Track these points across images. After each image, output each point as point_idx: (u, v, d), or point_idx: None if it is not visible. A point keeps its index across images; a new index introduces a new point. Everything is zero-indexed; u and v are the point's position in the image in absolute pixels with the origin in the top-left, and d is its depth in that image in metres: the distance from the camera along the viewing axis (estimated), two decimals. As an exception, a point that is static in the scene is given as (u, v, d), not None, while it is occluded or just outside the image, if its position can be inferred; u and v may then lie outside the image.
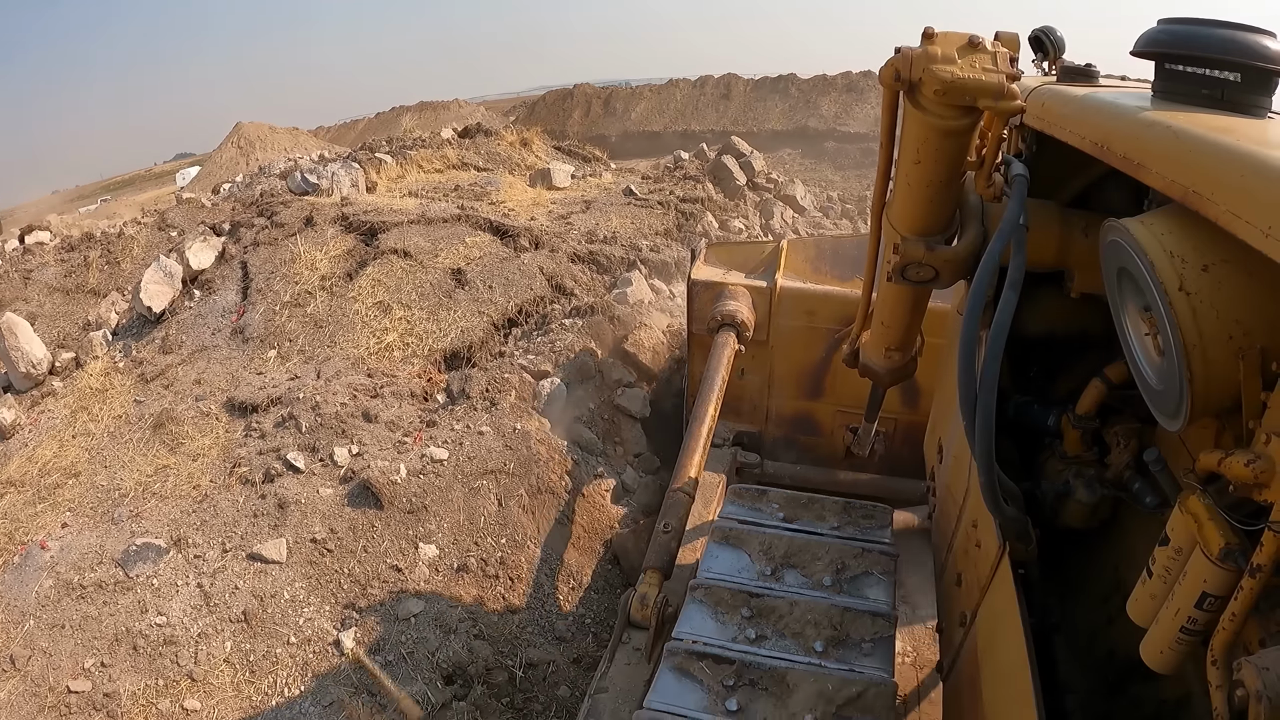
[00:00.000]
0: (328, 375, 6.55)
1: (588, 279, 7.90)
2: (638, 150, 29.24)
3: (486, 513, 5.17)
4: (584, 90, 36.64)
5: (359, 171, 10.96)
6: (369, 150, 12.93)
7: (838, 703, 2.33)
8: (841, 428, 5.13)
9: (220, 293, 8.10)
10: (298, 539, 4.87)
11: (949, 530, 2.92)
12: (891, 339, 2.79)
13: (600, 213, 9.73)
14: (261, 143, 41.49)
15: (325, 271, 7.91)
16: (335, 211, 9.05)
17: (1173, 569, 1.39)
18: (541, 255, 8.11)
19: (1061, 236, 2.06)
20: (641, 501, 5.77)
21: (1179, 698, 1.84)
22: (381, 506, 5.05)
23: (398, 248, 8.05)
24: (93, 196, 53.19)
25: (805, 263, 5.21)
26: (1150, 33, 1.65)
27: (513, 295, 7.43)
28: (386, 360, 6.81)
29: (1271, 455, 1.18)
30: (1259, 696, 1.07)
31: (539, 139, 14.38)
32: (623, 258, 8.27)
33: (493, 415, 5.82)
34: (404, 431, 5.78)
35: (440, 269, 7.75)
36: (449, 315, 7.21)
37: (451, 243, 8.20)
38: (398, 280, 7.65)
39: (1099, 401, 2.14)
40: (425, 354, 6.86)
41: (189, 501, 5.34)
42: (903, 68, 1.68)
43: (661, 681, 2.45)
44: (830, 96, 29.75)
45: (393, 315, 7.25)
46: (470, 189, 10.77)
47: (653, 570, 3.25)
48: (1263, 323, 1.25)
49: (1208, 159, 1.24)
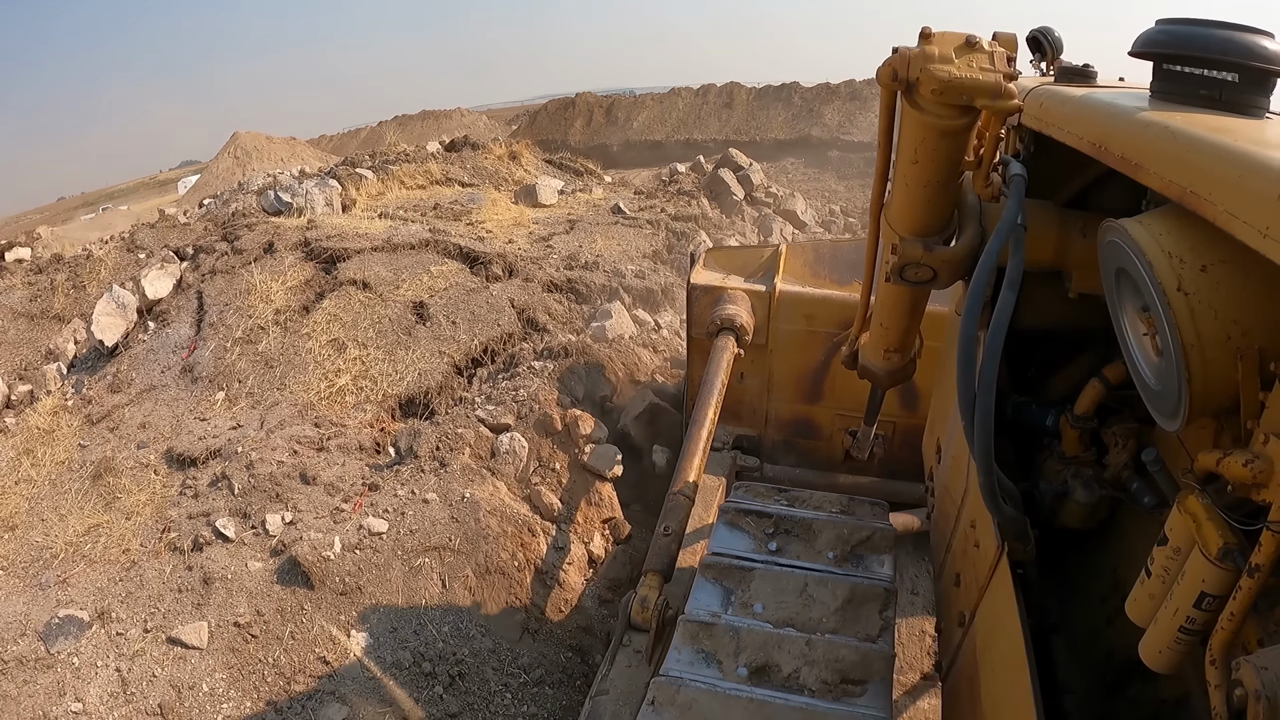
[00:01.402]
0: (271, 425, 6.04)
1: (564, 310, 7.35)
2: (640, 160, 28.99)
3: (428, 596, 4.64)
4: (586, 99, 36.39)
5: (334, 189, 10.61)
6: (350, 165, 12.53)
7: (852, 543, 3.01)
8: (840, 431, 5.13)
9: (175, 325, 7.61)
10: (221, 621, 4.45)
11: (947, 530, 2.93)
12: (890, 340, 2.79)
13: (585, 233, 9.28)
14: (258, 153, 41.23)
15: (280, 304, 7.37)
16: (298, 236, 8.54)
17: (1171, 569, 1.39)
18: (514, 285, 7.56)
19: (1059, 237, 2.07)
20: (610, 575, 5.23)
21: (1178, 698, 1.84)
22: (312, 586, 4.57)
23: (357, 278, 7.54)
24: (97, 204, 53.21)
25: (804, 267, 5.23)
26: (1148, 33, 1.65)
27: (478, 332, 6.85)
28: (338, 406, 6.30)
29: (1270, 455, 1.18)
30: (1258, 696, 1.07)
31: (528, 152, 13.99)
32: (604, 285, 7.72)
33: (441, 479, 5.29)
34: (344, 496, 5.28)
35: (401, 302, 7.21)
36: (407, 355, 6.67)
37: (415, 272, 7.67)
38: (355, 315, 7.11)
39: (1097, 402, 2.14)
40: (379, 399, 6.34)
41: (117, 568, 4.94)
42: (900, 67, 1.68)
43: (717, 533, 3.09)
44: (834, 105, 29.31)
45: (347, 355, 6.72)
46: (450, 207, 10.35)
47: (653, 573, 3.24)
48: (1261, 323, 1.25)
49: (1206, 159, 1.24)
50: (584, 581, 5.11)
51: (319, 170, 12.96)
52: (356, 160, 13.14)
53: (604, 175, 14.72)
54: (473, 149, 13.73)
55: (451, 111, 52.13)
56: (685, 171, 13.90)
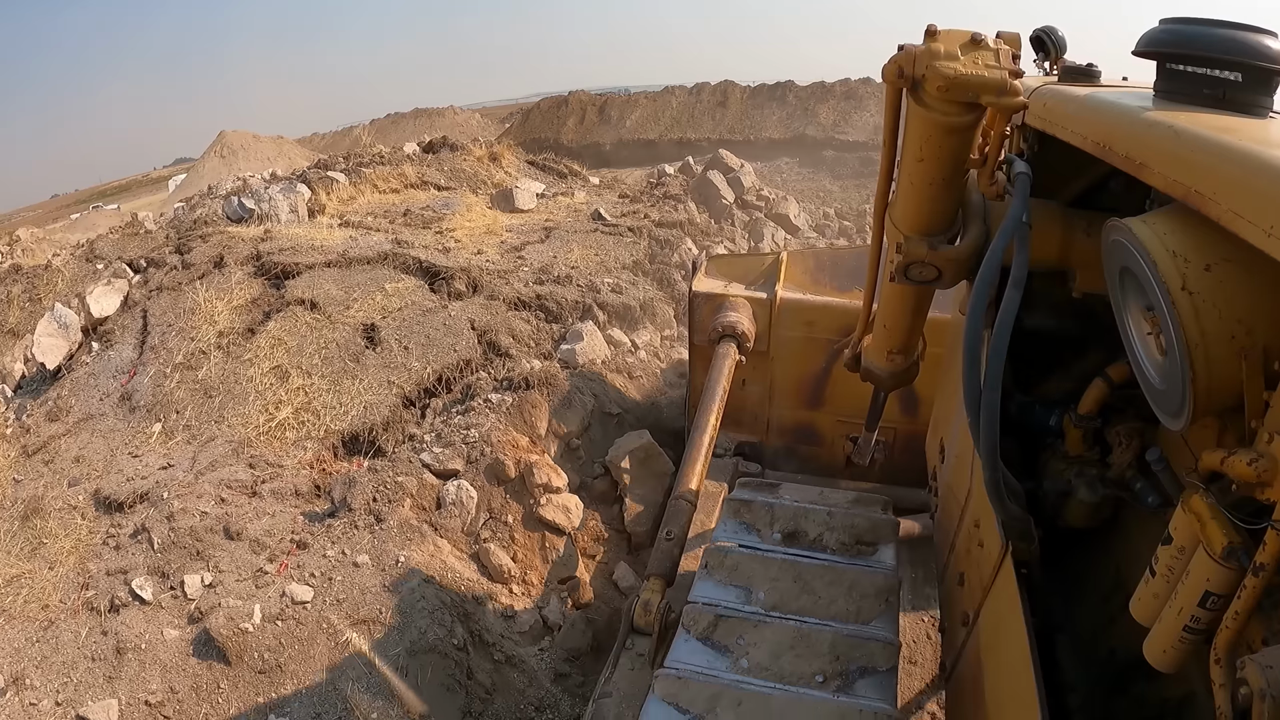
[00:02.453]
0: (203, 466, 5.52)
1: (531, 331, 6.77)
2: (633, 159, 28.78)
3: (354, 677, 4.16)
4: (579, 98, 36.23)
5: (301, 195, 9.97)
6: (322, 168, 11.93)
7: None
8: (842, 437, 5.16)
9: (118, 347, 7.03)
10: (131, 698, 4.08)
11: (951, 530, 2.93)
12: (894, 341, 2.79)
13: (561, 242, 8.76)
14: (245, 151, 40.85)
15: (224, 326, 6.78)
16: (250, 249, 7.92)
17: (1176, 568, 1.39)
18: (476, 303, 6.92)
19: (1064, 236, 2.06)
20: (568, 645, 4.69)
21: (1182, 697, 1.84)
22: (229, 662, 4.19)
23: (306, 297, 6.92)
24: (91, 202, 53.35)
25: (805, 274, 5.26)
26: (1152, 33, 1.65)
27: (432, 358, 6.23)
28: (277, 442, 5.71)
29: (1274, 454, 1.18)
30: (1263, 695, 1.07)
31: (510, 153, 13.42)
32: (577, 302, 7.12)
33: (376, 537, 4.77)
34: (270, 554, 4.79)
35: (350, 324, 6.61)
36: (353, 385, 6.07)
37: (368, 290, 7.06)
38: (300, 339, 6.50)
39: (1101, 401, 2.13)
40: (321, 436, 5.74)
41: (36, 626, 4.60)
42: (906, 64, 1.68)
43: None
44: (829, 104, 29.11)
45: (290, 384, 6.15)
46: (421, 213, 9.81)
47: (655, 577, 3.26)
48: (1265, 322, 1.25)
49: (1210, 158, 1.24)
50: (537, 653, 4.63)
51: (292, 173, 12.38)
52: (330, 162, 12.55)
53: (590, 177, 14.21)
54: (451, 150, 13.16)
55: (444, 110, 51.92)
56: (673, 174, 13.43)
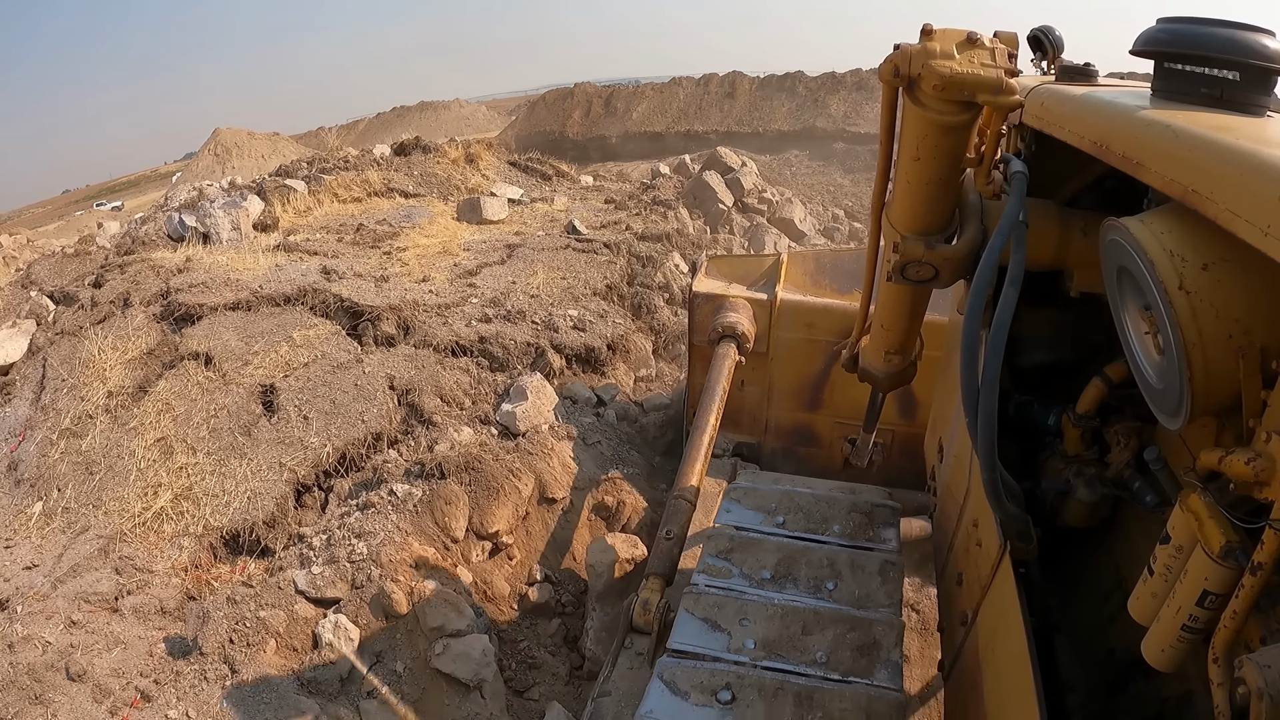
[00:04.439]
0: (64, 570, 4.53)
1: (469, 384, 5.60)
2: (639, 152, 28.39)
3: None
4: (584, 89, 35.94)
5: (245, 211, 8.95)
6: (281, 176, 11.00)
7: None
8: (840, 439, 5.17)
9: (15, 403, 6.04)
10: None
11: (950, 529, 2.93)
12: (891, 342, 2.79)
13: (524, 263, 7.60)
14: (239, 149, 40.06)
15: (114, 384, 5.71)
16: (161, 284, 6.76)
17: (1174, 567, 1.39)
18: (400, 353, 5.80)
19: (1060, 235, 2.07)
20: None
21: (1180, 696, 1.84)
22: None
23: (201, 350, 5.87)
24: (97, 199, 53.19)
25: (805, 276, 5.28)
26: (1149, 32, 1.65)
27: (335, 432, 5.07)
28: (153, 536, 4.64)
29: (1272, 453, 1.18)
30: (1260, 694, 1.07)
31: (488, 154, 12.67)
32: (528, 344, 5.95)
33: (227, 695, 3.83)
34: (112, 705, 3.81)
35: (246, 387, 5.50)
36: (240, 467, 4.94)
37: (273, 340, 5.90)
38: (190, 404, 5.41)
39: (1099, 400, 2.14)
40: (199, 532, 4.65)
41: None
42: (902, 63, 1.68)
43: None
44: (839, 95, 28.25)
45: (173, 462, 5.05)
46: (376, 228, 8.85)
47: (655, 576, 3.27)
48: (1262, 321, 1.25)
49: (1207, 158, 1.24)
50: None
51: (254, 182, 11.32)
52: (293, 169, 11.55)
53: (585, 176, 13.43)
54: (424, 152, 12.34)
55: (450, 103, 51.24)
56: (668, 174, 12.81)
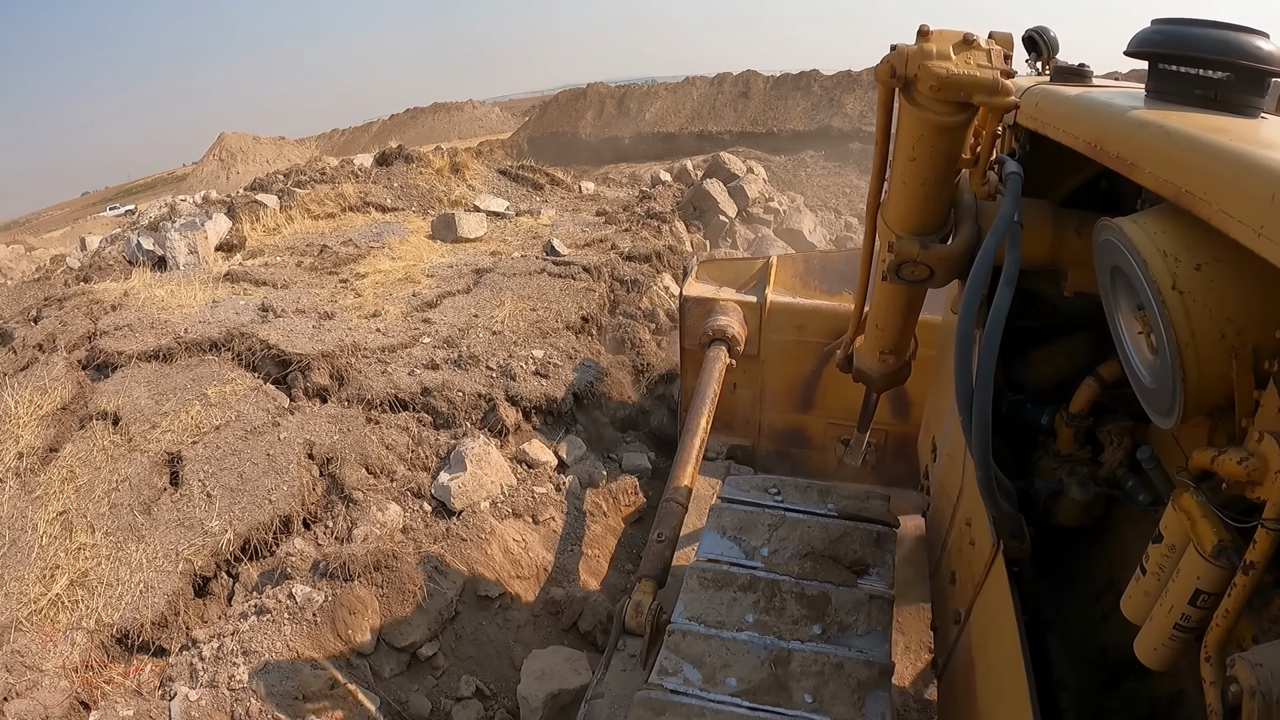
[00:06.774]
0: None
1: (404, 448, 4.90)
2: (652, 153, 27.80)
3: None
4: (597, 89, 35.42)
5: (204, 232, 8.32)
6: (253, 191, 10.40)
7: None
8: (833, 440, 5.18)
9: None
10: None
11: (943, 528, 2.94)
12: (886, 342, 2.79)
13: (491, 291, 6.87)
14: (244, 154, 39.24)
15: (27, 442, 5.07)
16: (89, 324, 6.15)
17: (1166, 566, 1.40)
18: (325, 412, 5.09)
19: (1055, 235, 2.07)
20: None
21: (1173, 694, 1.85)
22: None
23: (110, 408, 5.23)
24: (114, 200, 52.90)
25: (795, 278, 5.29)
26: (1143, 33, 1.66)
27: (239, 513, 4.41)
28: (48, 626, 4.05)
29: (1264, 453, 1.18)
30: (1252, 693, 1.07)
31: (475, 163, 12.04)
32: (480, 395, 5.24)
33: None
34: None
35: (151, 455, 4.84)
36: (136, 553, 4.29)
37: (186, 397, 5.24)
38: (94, 473, 4.78)
39: (1092, 400, 2.15)
40: (92, 627, 4.03)
41: None
42: (898, 64, 1.69)
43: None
44: (855, 94, 27.54)
45: (72, 540, 4.43)
46: (341, 249, 8.19)
47: (647, 579, 3.26)
48: (1255, 321, 1.26)
49: (1200, 158, 1.24)
50: None
51: (227, 196, 10.62)
52: (268, 182, 10.92)
53: (574, 185, 12.72)
54: (406, 162, 11.66)
55: (463, 104, 50.59)
56: (669, 181, 12.22)
